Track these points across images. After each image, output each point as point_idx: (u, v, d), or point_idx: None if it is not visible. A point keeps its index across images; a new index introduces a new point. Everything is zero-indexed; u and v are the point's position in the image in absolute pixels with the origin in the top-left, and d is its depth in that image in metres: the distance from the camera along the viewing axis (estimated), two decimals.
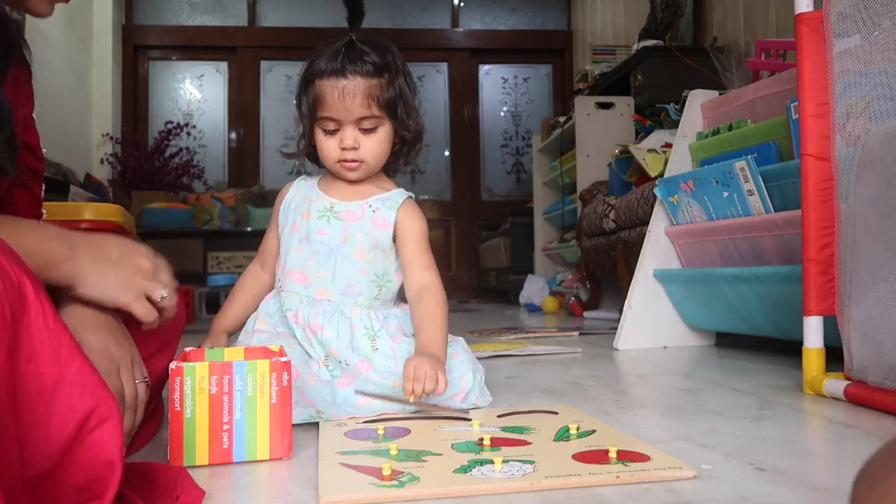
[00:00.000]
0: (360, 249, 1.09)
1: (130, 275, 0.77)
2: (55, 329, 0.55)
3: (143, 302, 0.78)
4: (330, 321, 1.06)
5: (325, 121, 1.06)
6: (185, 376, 0.77)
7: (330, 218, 1.10)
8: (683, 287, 1.84)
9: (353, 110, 1.04)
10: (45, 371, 0.53)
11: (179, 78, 5.63)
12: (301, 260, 1.09)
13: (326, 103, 1.04)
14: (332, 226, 1.09)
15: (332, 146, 1.07)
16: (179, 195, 4.56)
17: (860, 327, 1.06)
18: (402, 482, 0.68)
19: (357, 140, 1.06)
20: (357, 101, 1.04)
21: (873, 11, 1.06)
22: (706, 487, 0.68)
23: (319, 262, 1.08)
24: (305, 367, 1.03)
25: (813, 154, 1.17)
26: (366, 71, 1.05)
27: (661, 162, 2.39)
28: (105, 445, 0.55)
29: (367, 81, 1.05)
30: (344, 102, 1.04)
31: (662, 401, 1.17)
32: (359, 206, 1.10)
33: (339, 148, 1.06)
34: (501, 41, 5.88)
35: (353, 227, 1.09)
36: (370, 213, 1.10)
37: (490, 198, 5.84)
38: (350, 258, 1.08)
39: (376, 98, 1.05)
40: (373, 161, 1.09)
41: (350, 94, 1.04)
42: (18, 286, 0.53)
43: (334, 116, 1.05)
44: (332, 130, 1.07)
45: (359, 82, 1.04)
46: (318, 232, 1.09)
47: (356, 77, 1.04)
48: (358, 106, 1.04)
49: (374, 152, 1.08)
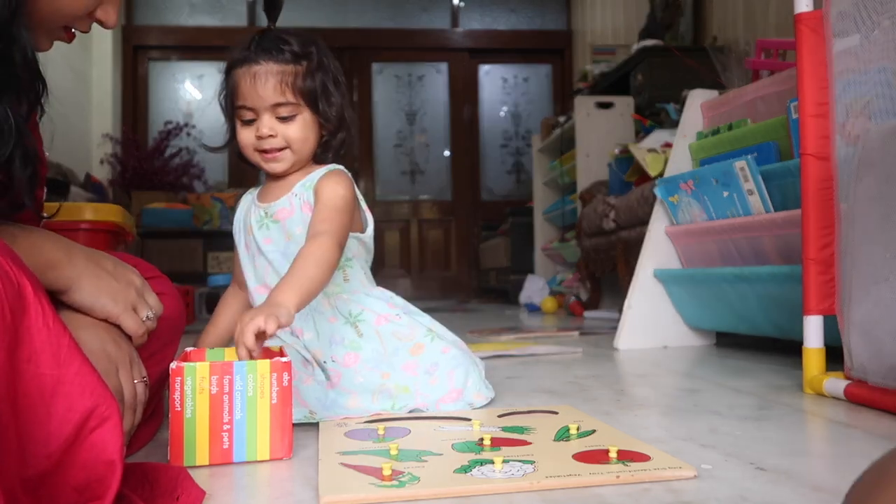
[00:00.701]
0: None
1: (124, 287, 0.78)
2: (55, 329, 0.55)
3: (133, 315, 0.79)
4: (307, 323, 1.06)
5: (241, 110, 1.03)
6: (186, 376, 0.77)
7: (268, 224, 1.08)
8: (683, 287, 1.84)
9: (265, 95, 1.01)
10: (45, 371, 0.54)
11: (179, 78, 5.63)
12: (260, 273, 1.09)
13: (240, 91, 1.02)
14: (272, 231, 1.08)
15: (248, 135, 1.04)
16: (179, 195, 4.56)
17: (860, 327, 1.06)
18: (403, 482, 0.68)
19: (273, 128, 1.03)
20: (269, 86, 1.01)
21: (873, 11, 1.06)
22: (706, 487, 0.68)
23: (276, 269, 1.06)
24: (302, 367, 1.03)
25: (813, 154, 1.17)
26: (280, 57, 1.02)
27: (661, 162, 2.39)
28: (105, 445, 0.55)
29: (281, 67, 1.02)
30: (256, 88, 1.01)
31: (662, 401, 1.17)
32: (286, 201, 1.07)
33: (256, 137, 1.03)
34: (501, 41, 5.88)
35: (290, 224, 1.07)
36: (297, 202, 1.07)
37: (490, 198, 5.85)
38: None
39: (290, 84, 1.02)
40: (298, 147, 1.05)
41: (262, 79, 1.01)
42: (18, 287, 0.53)
43: (248, 104, 1.02)
44: (248, 120, 1.04)
45: (271, 67, 1.02)
46: (263, 242, 1.08)
47: (268, 62, 1.02)
48: (271, 91, 1.01)
49: (297, 138, 1.04)
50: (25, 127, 0.67)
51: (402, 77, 5.80)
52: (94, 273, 0.76)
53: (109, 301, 0.76)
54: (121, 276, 0.79)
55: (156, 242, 3.84)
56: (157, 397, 0.95)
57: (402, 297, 1.18)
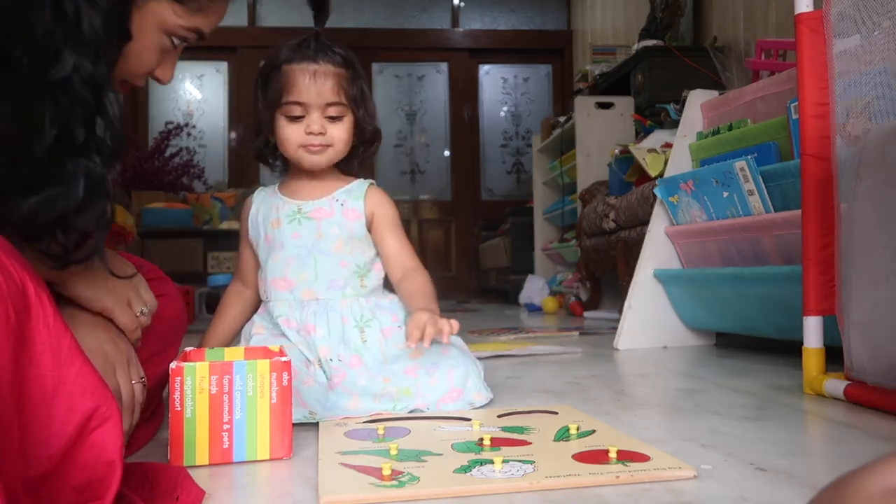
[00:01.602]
0: (337, 243, 1.10)
1: (119, 282, 0.78)
2: (56, 329, 0.55)
3: (127, 310, 0.79)
4: (321, 320, 1.07)
5: (291, 106, 1.05)
6: (186, 376, 0.77)
7: (300, 220, 1.10)
8: (683, 287, 1.84)
9: (323, 94, 1.05)
10: (45, 372, 0.53)
11: (179, 78, 5.62)
12: (281, 267, 1.10)
13: (296, 87, 1.04)
14: (304, 227, 1.10)
15: (295, 131, 1.06)
16: (179, 195, 4.55)
17: (860, 327, 1.06)
18: (402, 482, 0.68)
19: (324, 126, 1.06)
20: (328, 85, 1.05)
21: (873, 11, 1.06)
22: (706, 487, 0.68)
23: (299, 264, 1.09)
24: (304, 367, 1.04)
25: (813, 154, 1.17)
26: (336, 61, 1.07)
27: (661, 162, 2.39)
28: (106, 446, 0.55)
29: (337, 70, 1.07)
30: (315, 84, 1.04)
31: (662, 401, 1.17)
32: (326, 203, 1.11)
33: (305, 133, 1.06)
34: (501, 41, 5.88)
35: (325, 224, 1.10)
36: (339, 207, 1.11)
37: (490, 198, 5.84)
38: (328, 253, 1.09)
39: (344, 88, 1.07)
40: (340, 147, 1.09)
41: (322, 77, 1.05)
42: (22, 286, 0.53)
43: (303, 100, 1.05)
44: (297, 116, 1.06)
45: (329, 67, 1.06)
46: (291, 236, 1.10)
47: (327, 64, 1.06)
48: (329, 90, 1.05)
49: (342, 139, 1.09)
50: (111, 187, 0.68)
51: (402, 77, 5.81)
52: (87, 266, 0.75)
53: (103, 293, 0.76)
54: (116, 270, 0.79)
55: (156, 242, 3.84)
56: (158, 398, 0.95)
57: None
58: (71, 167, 0.63)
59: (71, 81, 0.62)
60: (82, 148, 0.64)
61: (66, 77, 0.62)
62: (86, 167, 0.64)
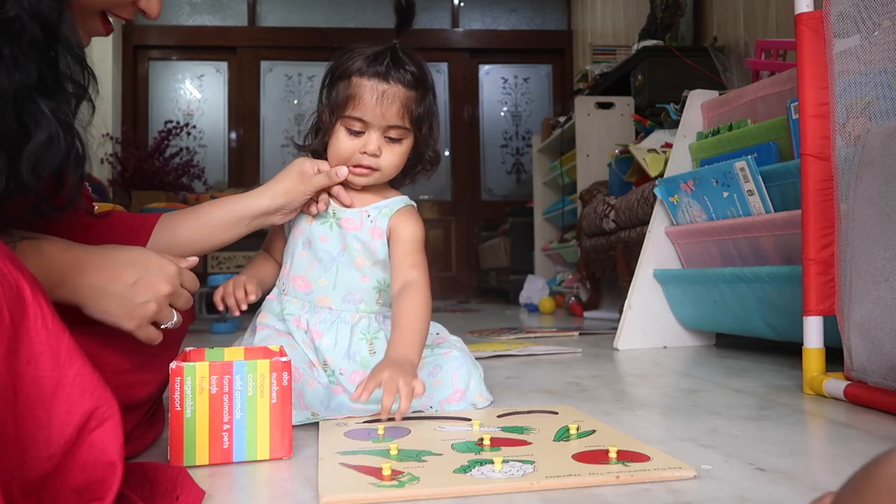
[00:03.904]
0: (359, 258, 1.07)
1: (140, 304, 0.75)
2: (54, 331, 0.55)
3: (148, 329, 0.77)
4: (329, 329, 1.06)
5: (353, 120, 1.02)
6: (186, 376, 0.77)
7: (332, 225, 1.08)
8: (683, 287, 1.84)
9: (388, 116, 1.02)
10: (44, 373, 0.53)
11: (179, 78, 5.63)
12: (304, 266, 1.09)
13: (362, 103, 1.01)
14: (334, 233, 1.08)
15: (352, 147, 1.03)
16: (179, 195, 4.55)
17: (860, 327, 1.06)
18: (402, 482, 0.68)
19: (381, 147, 1.04)
20: (394, 109, 1.02)
21: (873, 11, 1.06)
22: (706, 487, 0.68)
23: (321, 269, 1.08)
24: (307, 368, 1.03)
25: (813, 154, 1.17)
26: (406, 81, 1.03)
27: (661, 162, 2.39)
28: (105, 446, 0.55)
29: (406, 92, 1.03)
30: (381, 106, 1.01)
31: (662, 401, 1.17)
32: (357, 215, 1.08)
33: (360, 151, 1.03)
34: (501, 41, 5.88)
35: (350, 237, 1.07)
36: (368, 223, 1.08)
37: (490, 198, 5.85)
38: (350, 267, 1.07)
39: (410, 110, 1.03)
40: (388, 172, 1.07)
41: (389, 100, 1.01)
42: (17, 288, 0.53)
43: (366, 119, 1.02)
44: (357, 132, 1.03)
45: (399, 90, 1.02)
46: (320, 238, 1.08)
47: (398, 85, 1.02)
48: (394, 114, 1.02)
49: (392, 164, 1.06)
50: (76, 126, 0.66)
51: None
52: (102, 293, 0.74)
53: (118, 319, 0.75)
54: (142, 290, 0.75)
55: None
56: (159, 401, 0.95)
57: None
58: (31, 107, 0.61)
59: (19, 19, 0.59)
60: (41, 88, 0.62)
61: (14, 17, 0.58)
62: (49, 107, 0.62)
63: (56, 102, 0.64)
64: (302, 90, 5.72)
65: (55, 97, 0.64)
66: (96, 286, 0.74)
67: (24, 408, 0.52)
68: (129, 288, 0.75)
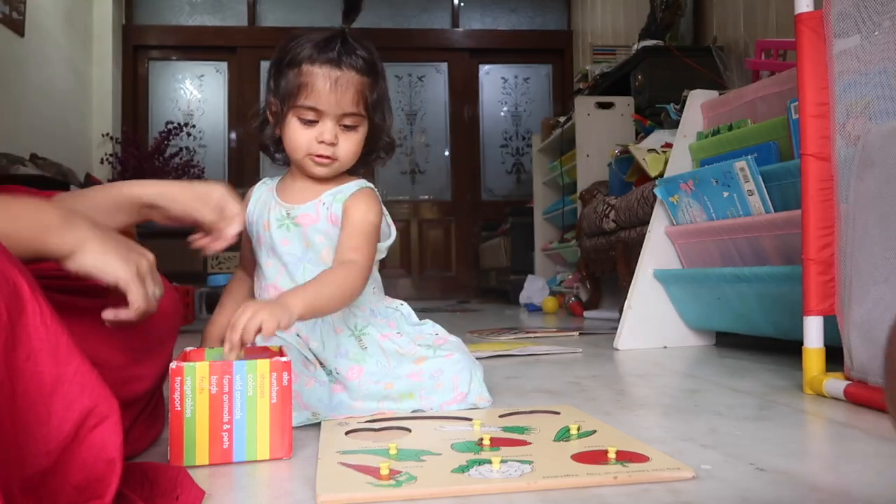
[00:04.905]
0: (324, 252, 1.04)
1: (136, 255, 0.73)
2: (53, 328, 0.55)
3: (141, 286, 0.72)
4: (313, 332, 1.05)
5: (305, 110, 0.99)
6: (186, 376, 0.77)
7: (289, 226, 1.05)
8: (683, 287, 1.84)
9: (342, 104, 0.99)
10: (43, 369, 0.53)
11: (179, 78, 5.62)
12: (273, 273, 1.06)
13: (314, 91, 0.98)
14: (293, 234, 1.05)
15: (307, 137, 1.00)
16: None
17: (860, 327, 1.06)
18: (400, 482, 0.68)
19: (337, 135, 1.01)
20: (348, 96, 0.99)
21: (873, 11, 1.06)
22: (706, 487, 0.68)
23: (289, 273, 1.05)
24: (303, 368, 1.02)
25: (813, 154, 1.17)
26: (359, 67, 1.00)
27: (661, 162, 2.39)
28: (105, 444, 0.55)
29: (360, 78, 1.00)
30: (335, 94, 0.98)
31: (662, 401, 1.17)
32: (313, 207, 1.05)
33: (317, 141, 1.00)
34: (501, 41, 5.88)
35: (311, 231, 1.04)
36: (325, 212, 1.04)
37: (490, 198, 5.84)
38: (316, 262, 1.04)
39: (365, 97, 1.01)
40: (345, 161, 1.04)
41: (343, 87, 0.98)
42: (14, 285, 0.53)
43: (319, 107, 0.99)
44: (310, 121, 1.00)
45: (352, 76, 0.99)
46: (280, 243, 1.05)
47: (350, 71, 0.99)
48: (348, 100, 0.99)
49: (349, 152, 1.03)
50: None
51: (402, 77, 5.80)
52: (100, 236, 0.70)
53: (119, 263, 0.70)
54: (132, 246, 0.73)
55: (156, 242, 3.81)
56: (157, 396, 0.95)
57: (402, 297, 1.18)
58: None
59: None
60: None
61: None
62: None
63: None
64: None
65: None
66: (91, 231, 0.70)
67: (23, 404, 0.52)
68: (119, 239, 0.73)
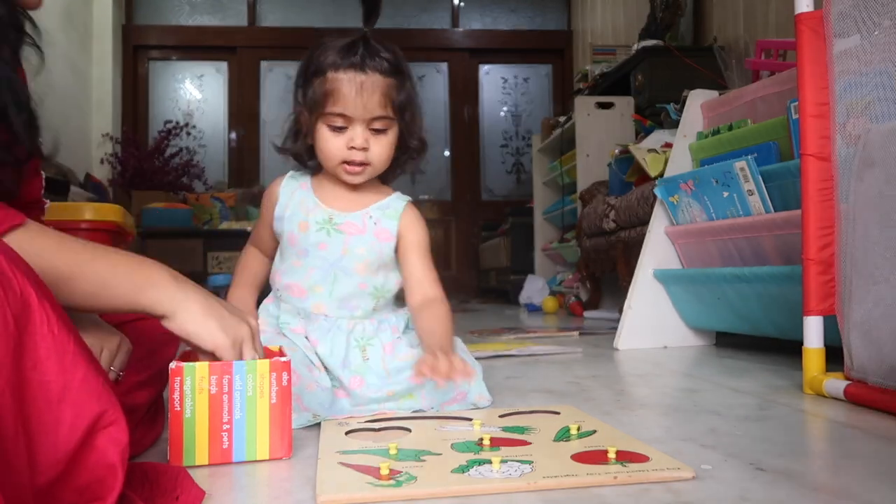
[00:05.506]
0: (362, 264, 1.05)
1: (236, 322, 0.76)
2: (60, 336, 0.54)
3: (236, 355, 0.76)
4: (324, 337, 1.05)
5: (334, 117, 0.99)
6: (185, 376, 0.77)
7: (330, 231, 1.05)
8: (683, 287, 1.84)
9: (370, 108, 0.99)
10: (51, 378, 0.53)
11: (179, 78, 5.63)
12: (300, 273, 1.06)
13: (341, 97, 0.98)
14: (333, 239, 1.05)
15: (338, 145, 1.01)
16: (179, 195, 4.56)
17: (860, 327, 1.06)
18: (400, 482, 0.68)
19: (367, 140, 1.00)
20: (375, 99, 0.98)
21: (873, 11, 1.05)
22: (706, 487, 0.68)
23: (317, 277, 1.05)
24: (306, 371, 1.02)
25: (813, 154, 1.17)
26: (384, 68, 0.99)
27: (661, 162, 2.39)
28: (109, 449, 0.54)
29: (385, 80, 1.00)
30: (361, 98, 0.98)
31: (662, 401, 1.17)
32: (359, 218, 1.06)
33: (347, 147, 1.00)
34: (501, 41, 5.88)
35: (354, 241, 1.05)
36: (371, 226, 1.06)
37: (490, 198, 5.84)
38: (349, 272, 1.05)
39: (392, 98, 1.00)
40: (379, 165, 1.04)
41: (369, 90, 0.98)
42: (22, 294, 0.52)
43: (347, 113, 0.99)
44: (339, 127, 1.00)
45: (377, 79, 0.99)
46: (317, 246, 1.05)
47: (375, 73, 0.99)
48: (375, 104, 0.99)
49: (382, 156, 1.03)
50: (11, 72, 0.65)
51: None
52: (203, 300, 0.73)
53: (217, 331, 0.73)
54: (235, 311, 0.77)
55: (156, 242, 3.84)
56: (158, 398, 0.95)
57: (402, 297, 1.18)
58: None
59: None
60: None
61: None
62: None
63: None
64: None
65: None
66: (195, 297, 0.73)
67: (32, 413, 0.52)
68: (223, 305, 0.76)
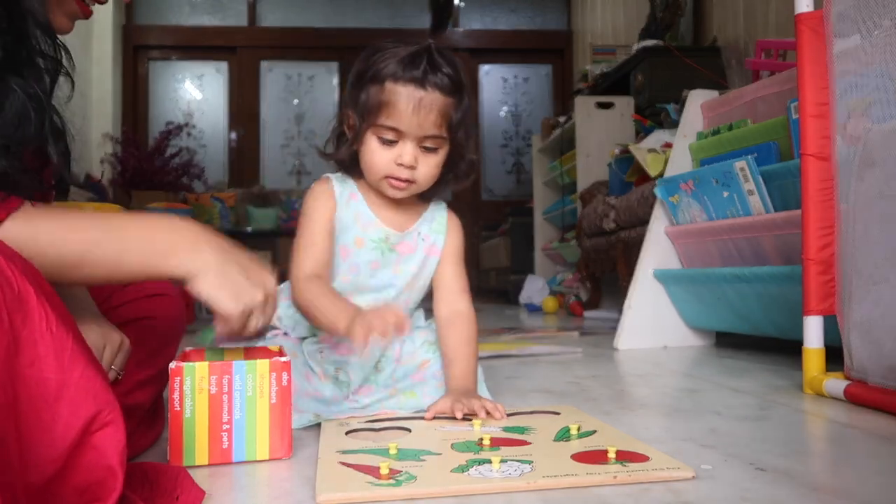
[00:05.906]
0: (409, 281, 1.05)
1: (251, 287, 0.73)
2: (58, 334, 0.54)
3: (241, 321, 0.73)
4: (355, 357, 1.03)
5: (385, 129, 0.94)
6: (185, 376, 0.77)
7: (384, 251, 1.03)
8: (683, 287, 1.84)
9: (424, 126, 0.94)
10: (48, 375, 0.53)
11: (179, 78, 5.63)
12: (347, 289, 1.02)
13: (396, 112, 0.93)
14: (386, 259, 1.03)
15: (386, 159, 0.96)
16: (179, 195, 4.55)
17: (860, 327, 1.06)
18: (399, 481, 0.68)
19: (416, 158, 0.96)
20: (431, 118, 0.93)
21: (873, 12, 1.05)
22: (706, 487, 0.68)
23: (361, 297, 1.01)
24: (304, 380, 1.01)
25: (813, 154, 1.17)
26: (444, 85, 0.94)
27: (661, 162, 2.39)
28: (107, 449, 0.54)
29: (444, 99, 0.94)
30: (417, 116, 0.93)
31: (662, 401, 1.17)
32: (410, 237, 1.04)
33: (395, 163, 0.95)
34: (501, 41, 5.87)
35: (406, 261, 1.04)
36: (421, 244, 1.04)
37: (490, 198, 5.84)
38: (399, 289, 1.04)
39: (448, 118, 0.95)
40: (423, 184, 0.99)
41: (426, 109, 0.93)
42: (19, 291, 0.52)
43: (401, 128, 0.94)
44: (390, 141, 0.95)
45: (437, 97, 0.94)
46: (370, 265, 1.02)
47: (435, 91, 0.93)
48: (431, 123, 0.94)
49: (428, 176, 0.98)
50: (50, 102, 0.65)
51: None
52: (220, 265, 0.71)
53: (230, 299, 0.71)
54: (254, 275, 0.74)
55: None
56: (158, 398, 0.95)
57: None
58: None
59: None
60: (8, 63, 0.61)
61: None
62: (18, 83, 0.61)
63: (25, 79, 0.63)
64: (302, 90, 5.72)
65: (25, 73, 0.63)
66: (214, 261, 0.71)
67: (28, 410, 0.52)
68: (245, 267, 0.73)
